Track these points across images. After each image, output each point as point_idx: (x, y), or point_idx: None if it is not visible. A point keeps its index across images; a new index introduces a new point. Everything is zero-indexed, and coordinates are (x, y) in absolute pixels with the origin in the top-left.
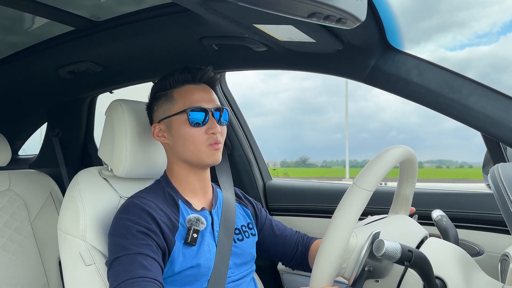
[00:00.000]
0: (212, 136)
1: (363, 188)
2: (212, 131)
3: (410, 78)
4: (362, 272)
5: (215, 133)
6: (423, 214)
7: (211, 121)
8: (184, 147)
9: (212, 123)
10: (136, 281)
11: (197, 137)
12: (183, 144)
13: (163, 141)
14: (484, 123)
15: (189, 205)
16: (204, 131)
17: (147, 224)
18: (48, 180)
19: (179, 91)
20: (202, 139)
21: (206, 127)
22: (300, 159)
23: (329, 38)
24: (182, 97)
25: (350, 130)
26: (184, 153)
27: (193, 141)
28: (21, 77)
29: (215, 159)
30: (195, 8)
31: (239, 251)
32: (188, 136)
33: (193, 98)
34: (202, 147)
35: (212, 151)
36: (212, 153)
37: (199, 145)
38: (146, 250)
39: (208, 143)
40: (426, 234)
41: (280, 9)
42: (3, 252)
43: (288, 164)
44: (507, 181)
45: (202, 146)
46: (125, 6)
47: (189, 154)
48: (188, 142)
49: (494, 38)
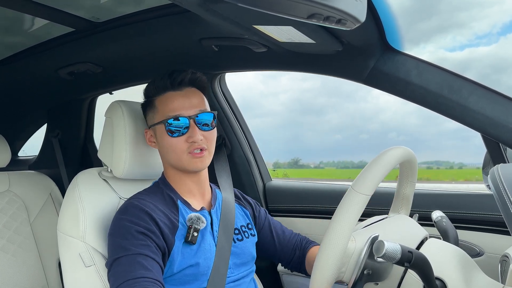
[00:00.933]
0: (193, 144)
1: (361, 192)
2: (192, 139)
3: (410, 79)
4: (361, 276)
5: (195, 141)
6: (423, 215)
7: (191, 129)
8: (167, 155)
9: (193, 131)
10: (137, 281)
11: (177, 146)
12: (166, 152)
13: (153, 146)
14: (483, 124)
15: (188, 205)
16: (185, 140)
17: (146, 225)
18: (47, 181)
19: (160, 99)
20: (183, 148)
21: (187, 136)
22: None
23: (328, 39)
24: (162, 106)
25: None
26: (169, 160)
27: (173, 150)
28: (21, 78)
29: (197, 167)
30: (194, 9)
31: (238, 251)
32: (168, 146)
33: (172, 107)
34: (183, 155)
35: (194, 159)
36: (194, 161)
37: (179, 153)
38: (146, 250)
39: (189, 151)
40: (426, 235)
41: (279, 10)
42: (3, 253)
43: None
44: (507, 182)
45: (183, 154)
46: (124, 7)
47: (173, 161)
48: (169, 151)
49: (494, 39)
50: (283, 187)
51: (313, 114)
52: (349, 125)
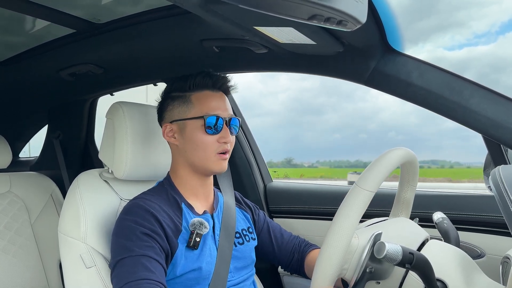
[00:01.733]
0: (223, 145)
1: (365, 188)
2: (224, 140)
3: (411, 80)
4: (363, 274)
5: (226, 142)
6: (424, 217)
7: (224, 130)
8: (193, 152)
9: (226, 133)
10: (140, 283)
11: (209, 144)
12: (193, 149)
13: (173, 141)
14: (485, 125)
15: (191, 208)
16: (217, 139)
17: (151, 226)
18: (48, 182)
19: (197, 96)
20: (213, 147)
21: (219, 136)
22: (285, 159)
23: (329, 40)
24: (200, 102)
25: (348, 131)
26: (192, 157)
27: (204, 147)
28: (22, 79)
29: (221, 168)
30: (195, 10)
31: (239, 255)
32: (200, 142)
33: (211, 105)
34: (212, 155)
35: (220, 160)
36: (220, 162)
37: (209, 152)
38: (150, 252)
39: (218, 151)
40: (427, 237)
41: (280, 11)
42: (4, 254)
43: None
44: (508, 183)
45: (212, 154)
46: (125, 8)
47: (197, 159)
48: (199, 148)
49: (493, 38)
50: (284, 188)
51: (312, 113)
52: (348, 124)
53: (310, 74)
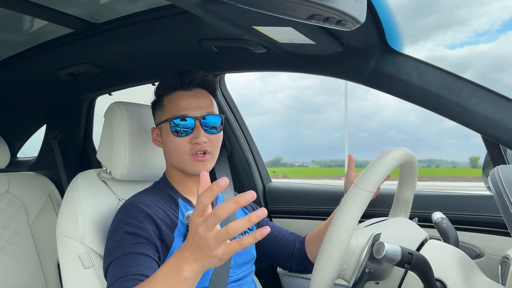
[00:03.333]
0: (196, 146)
1: (364, 189)
2: (196, 141)
3: (410, 80)
4: (362, 274)
5: (199, 143)
6: (423, 217)
7: (196, 130)
8: (170, 155)
9: (197, 133)
10: (133, 277)
11: (180, 146)
12: (169, 152)
13: (158, 145)
14: (484, 125)
15: (189, 202)
16: (189, 141)
17: (142, 225)
18: (47, 183)
19: (168, 98)
20: (186, 149)
21: (191, 137)
22: (275, 158)
23: (328, 40)
24: (170, 105)
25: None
26: (171, 160)
27: (176, 150)
28: (20, 79)
29: (198, 170)
30: (194, 10)
31: (240, 251)
32: (172, 145)
33: (179, 106)
34: (186, 156)
35: (196, 162)
36: (195, 164)
37: (182, 154)
38: (144, 249)
39: (191, 153)
40: (426, 237)
41: (279, 11)
42: (2, 254)
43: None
44: (507, 183)
45: (186, 155)
46: (123, 8)
47: (175, 162)
48: (172, 151)
49: (494, 36)
50: (283, 188)
51: (312, 112)
52: (348, 123)
53: (309, 74)
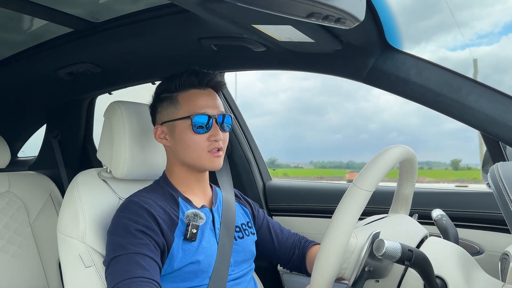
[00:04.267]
0: (213, 143)
1: (363, 188)
2: (214, 138)
3: (409, 77)
4: (362, 273)
5: (217, 140)
6: (423, 214)
7: (214, 128)
8: (185, 152)
9: (215, 130)
10: (134, 281)
11: (199, 143)
12: (184, 149)
13: (164, 143)
14: (483, 122)
15: (189, 202)
16: (207, 138)
17: (145, 223)
18: (47, 182)
19: (184, 95)
20: (204, 146)
21: (209, 134)
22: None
23: (328, 38)
24: (187, 102)
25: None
26: (185, 157)
27: (194, 147)
28: (20, 79)
29: (215, 165)
30: (193, 8)
31: (240, 249)
32: (190, 142)
33: (198, 104)
34: (203, 153)
35: (213, 157)
36: (213, 159)
37: (200, 151)
38: (145, 249)
39: (209, 149)
40: (426, 234)
41: (279, 9)
42: (3, 254)
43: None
44: (507, 180)
45: (203, 152)
46: (123, 7)
47: (190, 159)
48: (189, 148)
49: (496, 38)
50: (283, 186)
51: (313, 113)
52: (349, 124)
53: (309, 72)
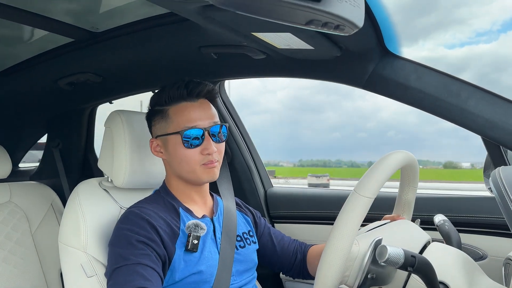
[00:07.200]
0: (207, 157)
1: (364, 195)
2: (207, 151)
3: (409, 83)
4: (365, 280)
5: (210, 153)
6: (426, 219)
7: (206, 141)
8: (179, 166)
9: (208, 144)
10: None
11: (192, 157)
12: (178, 163)
13: (160, 156)
14: (483, 127)
15: (190, 212)
16: (199, 152)
17: (146, 234)
18: (49, 192)
19: (174, 109)
20: (197, 160)
21: (201, 148)
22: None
23: (327, 45)
24: (177, 116)
25: (347, 130)
26: (180, 172)
27: (187, 161)
28: (21, 89)
29: (212, 177)
30: (193, 17)
31: (241, 258)
32: (183, 157)
33: (188, 117)
34: (197, 167)
35: (207, 169)
36: (208, 171)
37: (193, 165)
38: (146, 260)
39: (203, 163)
40: (429, 239)
41: (278, 17)
42: (5, 264)
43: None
44: (509, 184)
45: (197, 166)
46: (123, 17)
47: (185, 173)
48: (183, 162)
49: (494, 36)
50: (284, 193)
51: (311, 112)
52: (347, 123)
53: (309, 78)
